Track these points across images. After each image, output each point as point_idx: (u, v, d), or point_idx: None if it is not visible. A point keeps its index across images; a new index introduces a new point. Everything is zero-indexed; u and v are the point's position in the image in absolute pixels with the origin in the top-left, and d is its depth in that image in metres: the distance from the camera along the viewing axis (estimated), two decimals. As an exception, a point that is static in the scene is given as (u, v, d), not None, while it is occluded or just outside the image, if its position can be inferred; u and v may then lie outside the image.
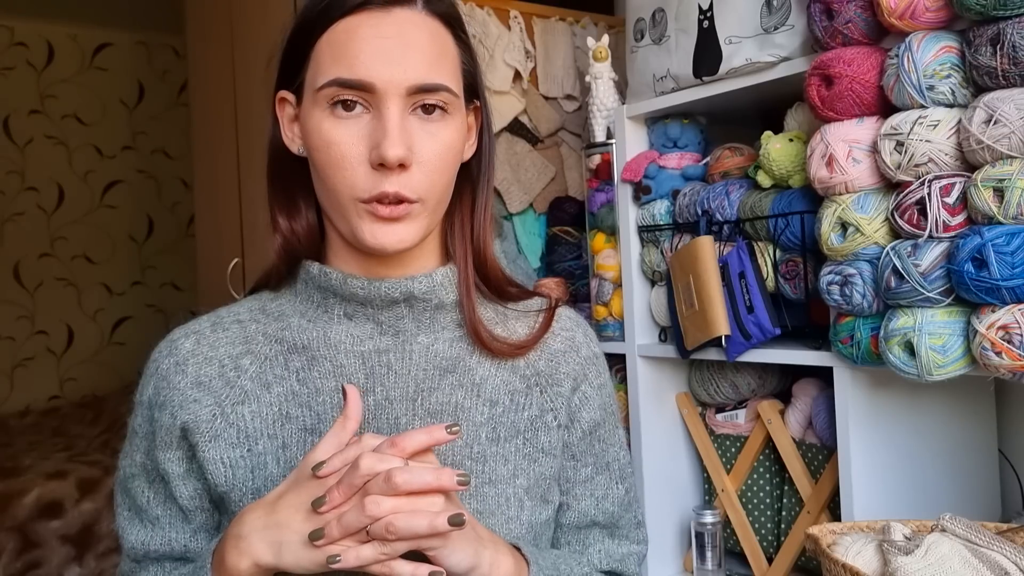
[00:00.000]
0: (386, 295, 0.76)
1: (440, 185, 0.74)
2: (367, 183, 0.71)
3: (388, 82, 0.70)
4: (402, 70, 0.70)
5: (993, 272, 0.91)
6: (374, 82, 0.70)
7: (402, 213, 0.71)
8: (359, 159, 0.71)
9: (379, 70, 0.70)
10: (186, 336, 0.80)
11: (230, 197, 2.28)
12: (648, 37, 1.42)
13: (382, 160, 0.69)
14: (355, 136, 0.71)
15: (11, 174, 3.80)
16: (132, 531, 0.80)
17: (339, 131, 0.71)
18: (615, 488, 0.87)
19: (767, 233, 1.25)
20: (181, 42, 3.56)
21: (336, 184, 0.72)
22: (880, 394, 1.16)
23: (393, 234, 0.72)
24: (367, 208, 0.71)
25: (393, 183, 0.70)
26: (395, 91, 0.70)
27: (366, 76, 0.70)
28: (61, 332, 3.91)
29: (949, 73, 0.98)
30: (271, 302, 0.82)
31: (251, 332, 0.80)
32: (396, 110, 0.70)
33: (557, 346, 0.84)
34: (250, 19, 2.15)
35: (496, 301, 0.84)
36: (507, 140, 1.72)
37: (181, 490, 0.77)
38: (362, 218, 0.72)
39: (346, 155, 0.71)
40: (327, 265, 0.79)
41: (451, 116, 0.74)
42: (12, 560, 2.53)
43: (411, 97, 0.71)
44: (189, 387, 0.77)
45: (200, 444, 0.75)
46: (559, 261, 1.69)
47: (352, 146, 0.71)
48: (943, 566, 0.80)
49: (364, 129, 0.71)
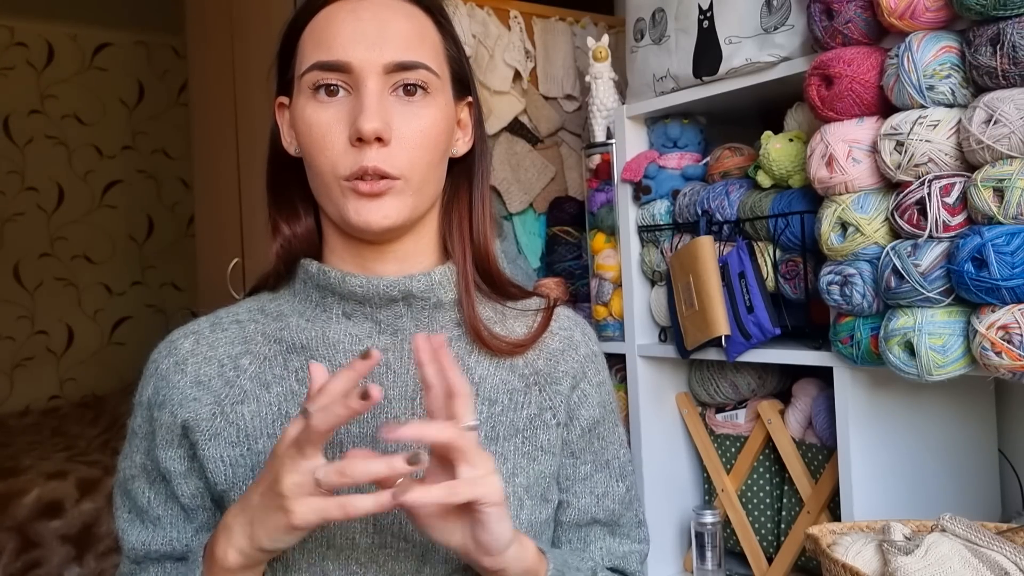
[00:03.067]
0: (385, 293, 0.76)
1: (422, 163, 0.74)
2: (347, 160, 0.72)
3: (365, 60, 0.72)
4: (379, 50, 0.72)
5: (993, 272, 0.91)
6: (351, 61, 0.72)
7: (383, 188, 0.72)
8: (340, 138, 0.72)
9: (356, 50, 0.72)
10: (185, 336, 0.80)
11: (230, 197, 2.29)
12: (648, 37, 1.42)
13: (359, 134, 0.70)
14: (336, 117, 0.73)
15: (11, 174, 3.80)
16: (133, 532, 0.80)
17: (320, 113, 0.73)
18: (615, 486, 0.87)
19: (767, 233, 1.25)
20: (181, 42, 3.56)
21: (320, 165, 0.73)
22: (880, 394, 1.16)
23: (377, 210, 0.73)
24: (350, 186, 0.72)
25: (372, 157, 0.71)
26: (372, 69, 0.72)
27: (343, 56, 0.72)
28: (61, 332, 3.91)
29: (949, 73, 0.98)
30: (270, 302, 0.82)
31: (250, 332, 0.80)
32: (374, 87, 0.72)
33: (556, 345, 0.84)
34: (250, 19, 2.15)
35: (496, 299, 0.84)
36: (507, 140, 1.72)
37: (183, 488, 0.77)
38: (346, 196, 0.73)
39: (326, 135, 0.73)
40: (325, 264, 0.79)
41: (433, 97, 0.75)
42: (12, 560, 2.54)
43: (389, 76, 0.73)
44: (189, 386, 0.77)
45: (200, 442, 0.75)
46: (559, 261, 1.69)
47: (333, 126, 0.73)
48: (943, 566, 0.80)
49: (344, 109, 0.73)
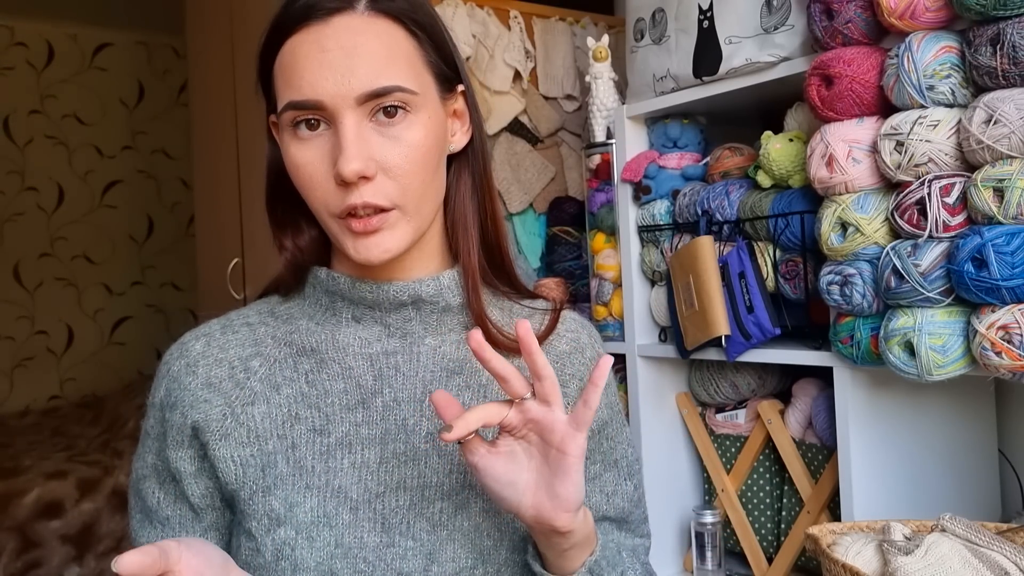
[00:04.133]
0: (394, 298, 0.77)
1: (415, 187, 0.73)
2: (336, 199, 0.71)
3: (335, 95, 0.69)
4: (347, 81, 0.69)
5: (993, 272, 0.91)
6: (321, 99, 0.69)
7: (378, 225, 0.71)
8: (326, 176, 0.71)
9: (324, 86, 0.69)
10: (196, 338, 0.80)
11: (230, 197, 2.29)
12: (648, 37, 1.42)
13: (341, 178, 0.69)
14: (319, 155, 0.71)
15: (11, 174, 3.80)
16: (143, 533, 0.80)
17: (303, 152, 0.72)
18: (624, 484, 0.87)
19: (767, 233, 1.25)
20: (181, 42, 3.56)
21: (313, 203, 0.73)
22: (880, 394, 1.16)
23: (376, 246, 0.72)
24: (344, 224, 0.72)
25: (361, 194, 0.70)
26: (344, 103, 0.69)
27: (312, 95, 0.69)
28: (61, 332, 3.91)
29: (949, 73, 0.98)
30: (280, 305, 0.83)
31: (260, 335, 0.80)
32: (350, 123, 0.69)
33: (563, 348, 0.85)
34: (250, 19, 2.15)
35: (505, 294, 0.84)
36: (507, 140, 1.72)
37: (193, 489, 0.78)
38: (344, 234, 0.72)
39: (313, 175, 0.71)
40: (334, 270, 0.80)
41: (415, 114, 0.72)
42: (12, 560, 2.54)
43: (364, 105, 0.70)
44: (200, 388, 0.77)
45: (211, 443, 0.76)
46: (559, 261, 1.69)
47: (318, 165, 0.71)
48: (943, 566, 0.80)
49: (326, 145, 0.71)
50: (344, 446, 0.75)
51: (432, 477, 0.76)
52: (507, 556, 0.77)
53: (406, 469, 0.75)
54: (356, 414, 0.76)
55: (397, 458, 0.75)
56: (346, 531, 0.73)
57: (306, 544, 0.71)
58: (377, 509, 0.74)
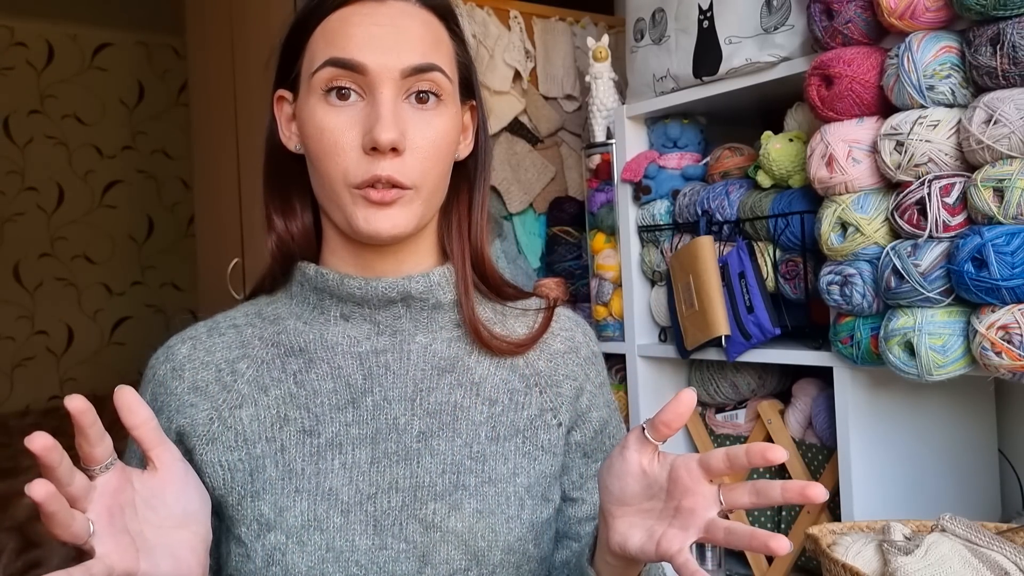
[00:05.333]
0: (383, 295, 0.76)
1: (434, 173, 0.74)
2: (360, 168, 0.71)
3: (381, 66, 0.71)
4: (395, 55, 0.71)
5: (993, 272, 0.91)
6: (367, 63, 0.71)
7: (394, 198, 0.72)
8: (352, 145, 0.71)
9: (372, 54, 0.71)
10: (182, 342, 0.80)
11: (230, 197, 2.29)
12: (648, 37, 1.42)
13: (375, 144, 0.69)
14: (348, 123, 0.72)
15: (11, 174, 3.80)
16: None
17: (332, 118, 0.72)
18: None
19: (767, 233, 1.25)
20: (181, 42, 3.56)
21: (329, 171, 0.72)
22: (880, 394, 1.16)
23: (387, 219, 0.72)
24: (361, 194, 0.72)
25: (386, 167, 0.70)
26: (388, 75, 0.71)
27: (359, 57, 0.71)
28: (61, 332, 3.91)
29: (949, 73, 0.98)
30: (267, 306, 0.82)
31: (247, 336, 0.80)
32: (389, 95, 0.71)
33: (557, 346, 0.84)
34: (250, 19, 2.15)
35: (494, 300, 0.84)
36: (507, 140, 1.72)
37: None
38: (356, 204, 0.72)
39: (339, 141, 0.71)
40: (323, 266, 0.79)
41: (445, 105, 0.74)
42: (12, 560, 2.54)
43: (405, 81, 0.72)
44: (186, 392, 0.77)
45: (197, 447, 0.75)
46: (559, 261, 1.69)
47: (345, 132, 0.71)
48: (943, 566, 0.80)
49: (358, 115, 0.72)
50: (334, 446, 0.75)
51: (424, 477, 0.75)
52: (501, 558, 0.75)
53: (398, 469, 0.75)
54: (346, 414, 0.76)
55: (388, 458, 0.75)
56: (337, 534, 0.72)
57: (297, 549, 0.71)
58: (369, 511, 0.73)
